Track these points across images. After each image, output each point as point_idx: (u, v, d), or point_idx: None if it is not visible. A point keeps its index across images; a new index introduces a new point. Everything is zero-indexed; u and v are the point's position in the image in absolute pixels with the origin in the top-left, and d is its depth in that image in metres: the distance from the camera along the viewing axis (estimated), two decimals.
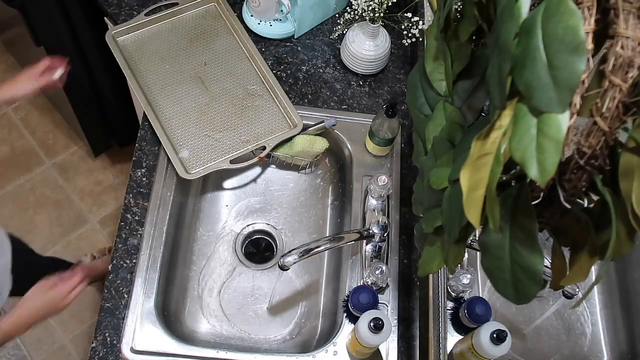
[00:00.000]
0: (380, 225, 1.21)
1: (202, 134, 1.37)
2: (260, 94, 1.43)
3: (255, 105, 1.41)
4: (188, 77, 1.43)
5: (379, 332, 1.04)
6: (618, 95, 0.48)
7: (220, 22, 1.51)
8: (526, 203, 0.57)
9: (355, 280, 1.25)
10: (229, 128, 1.38)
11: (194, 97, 1.41)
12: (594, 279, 0.60)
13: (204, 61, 1.45)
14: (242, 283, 1.37)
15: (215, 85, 1.43)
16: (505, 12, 0.53)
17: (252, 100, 1.42)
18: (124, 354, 1.14)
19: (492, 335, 0.97)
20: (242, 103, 1.41)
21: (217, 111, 1.40)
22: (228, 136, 1.38)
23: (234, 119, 1.40)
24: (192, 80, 1.43)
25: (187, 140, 1.36)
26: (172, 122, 1.37)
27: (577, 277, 0.64)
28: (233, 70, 1.45)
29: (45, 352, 2.01)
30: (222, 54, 1.47)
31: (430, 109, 0.83)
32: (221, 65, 1.46)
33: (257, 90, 1.43)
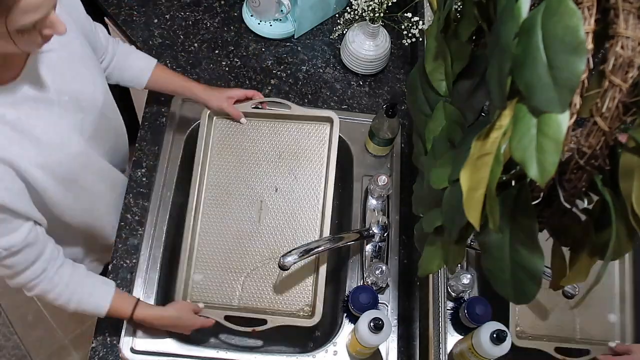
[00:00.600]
0: (380, 225, 1.21)
1: (224, 265, 1.24)
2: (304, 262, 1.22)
3: (291, 273, 1.23)
4: (251, 195, 1.28)
5: (379, 332, 1.04)
6: (618, 95, 0.48)
7: (321, 149, 1.29)
8: (526, 203, 0.57)
9: (355, 280, 1.25)
10: (251, 278, 1.24)
11: (242, 222, 1.26)
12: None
13: (276, 186, 1.28)
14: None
15: (270, 221, 1.27)
16: (505, 12, 0.53)
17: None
18: (124, 354, 1.14)
19: (492, 335, 0.97)
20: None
21: (252, 251, 1.24)
22: (247, 284, 1.24)
23: (261, 272, 1.24)
24: (252, 202, 1.27)
25: (207, 260, 1.24)
26: (205, 232, 1.25)
27: (577, 277, 0.64)
28: (296, 213, 1.27)
29: (45, 352, 2.01)
30: (298, 188, 1.28)
31: (430, 109, 0.83)
32: (289, 201, 1.28)
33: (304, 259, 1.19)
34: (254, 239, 1.26)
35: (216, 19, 1.55)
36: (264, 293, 1.24)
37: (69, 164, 0.99)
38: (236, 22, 1.55)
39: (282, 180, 1.29)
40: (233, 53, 1.50)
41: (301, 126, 1.29)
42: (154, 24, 1.52)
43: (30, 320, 2.06)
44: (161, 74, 1.27)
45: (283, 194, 1.29)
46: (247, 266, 1.25)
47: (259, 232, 1.27)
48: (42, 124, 0.93)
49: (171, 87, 1.29)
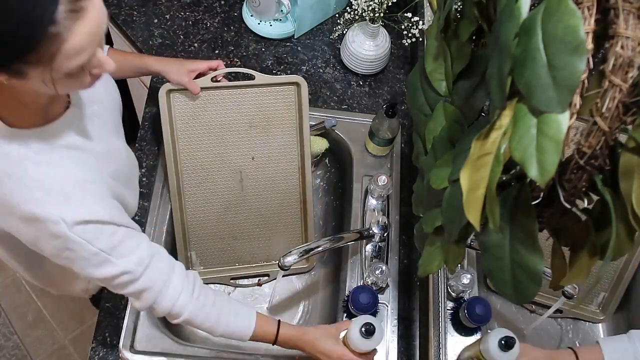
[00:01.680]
0: (380, 225, 1.21)
1: (217, 234, 1.31)
2: (291, 213, 1.32)
3: (282, 223, 1.33)
4: (230, 167, 1.28)
5: (371, 338, 1.04)
6: (618, 95, 0.48)
7: (290, 114, 1.27)
8: (526, 203, 0.57)
9: (355, 280, 1.25)
10: (245, 238, 1.33)
11: (226, 192, 1.30)
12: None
13: (252, 155, 1.28)
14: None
15: (252, 187, 1.30)
16: (505, 12, 0.53)
17: (280, 217, 1.32)
18: (124, 354, 1.14)
19: (501, 342, 0.97)
20: (270, 217, 1.32)
21: (242, 216, 1.31)
22: (241, 246, 1.33)
23: (254, 231, 1.32)
24: (232, 173, 1.29)
25: (201, 235, 1.30)
26: (193, 212, 1.29)
27: (577, 277, 0.64)
28: (276, 178, 1.31)
29: (45, 352, 2.01)
30: (274, 154, 1.29)
31: (430, 109, 0.83)
32: (268, 167, 1.30)
33: (291, 208, 1.32)
34: (240, 206, 1.31)
35: (216, 19, 1.55)
36: (260, 251, 1.35)
37: (123, 166, 1.02)
38: (236, 22, 1.55)
39: (257, 149, 1.28)
40: (233, 53, 1.50)
41: (268, 92, 1.25)
42: (154, 24, 1.52)
43: (30, 320, 2.06)
44: (116, 56, 1.15)
45: (260, 161, 1.29)
46: (239, 232, 1.32)
47: (244, 200, 1.31)
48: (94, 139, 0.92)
49: (128, 67, 1.20)
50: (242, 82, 1.25)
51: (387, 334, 1.19)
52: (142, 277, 0.89)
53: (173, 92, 1.22)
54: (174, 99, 1.22)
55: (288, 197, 1.32)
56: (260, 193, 1.31)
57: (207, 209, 1.30)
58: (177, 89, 1.22)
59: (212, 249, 1.33)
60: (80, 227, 0.80)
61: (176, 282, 0.95)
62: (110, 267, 0.86)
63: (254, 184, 1.30)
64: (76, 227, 0.80)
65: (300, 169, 1.31)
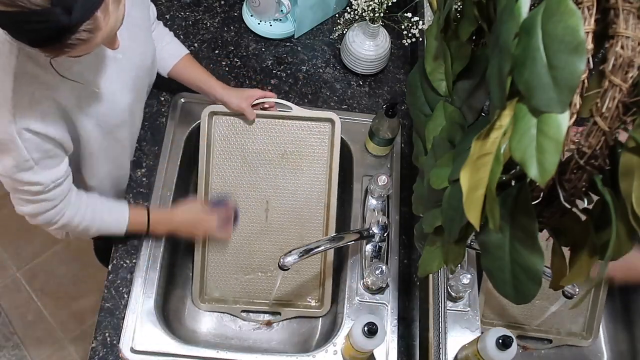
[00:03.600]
0: (380, 225, 1.21)
1: (236, 263, 1.31)
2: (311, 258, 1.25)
3: (299, 268, 1.31)
4: (258, 195, 1.30)
5: (373, 337, 1.04)
6: (618, 95, 0.48)
7: (322, 150, 1.29)
8: (526, 203, 0.57)
9: (356, 280, 1.25)
10: (260, 274, 1.31)
11: (251, 220, 1.30)
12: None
13: (281, 185, 1.30)
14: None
15: (276, 220, 1.30)
16: (505, 12, 0.53)
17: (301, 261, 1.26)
18: (124, 354, 1.14)
19: (498, 341, 0.97)
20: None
21: (261, 250, 1.30)
22: (255, 282, 1.31)
23: (270, 268, 1.31)
24: (259, 201, 1.30)
25: (220, 261, 1.31)
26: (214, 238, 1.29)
27: (577, 277, 0.64)
28: (302, 211, 1.30)
29: (45, 352, 2.01)
30: (302, 187, 1.30)
31: (430, 109, 0.83)
32: (294, 200, 1.30)
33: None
34: (262, 237, 1.31)
35: (216, 19, 1.55)
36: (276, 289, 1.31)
37: (114, 117, 1.07)
38: (236, 22, 1.55)
39: (286, 180, 1.30)
40: (233, 53, 1.50)
41: (303, 126, 1.29)
42: None
43: (30, 320, 2.06)
44: (187, 65, 1.27)
45: (288, 194, 1.30)
46: (258, 263, 1.31)
47: (267, 231, 1.31)
48: (99, 79, 1.00)
49: (192, 80, 1.28)
50: (280, 113, 1.28)
51: (387, 334, 1.19)
52: (49, 192, 1.01)
53: (215, 115, 1.28)
54: (215, 122, 1.28)
55: (311, 234, 1.30)
56: (284, 225, 1.31)
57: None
58: (219, 112, 1.27)
59: (229, 277, 1.31)
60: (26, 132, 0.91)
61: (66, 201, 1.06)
62: (31, 174, 0.96)
63: (279, 215, 1.30)
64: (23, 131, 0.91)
65: (326, 206, 1.30)
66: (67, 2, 0.73)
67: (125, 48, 1.03)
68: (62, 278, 2.12)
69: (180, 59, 1.27)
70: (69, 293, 2.09)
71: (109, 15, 0.79)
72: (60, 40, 0.77)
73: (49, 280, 2.11)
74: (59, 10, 0.73)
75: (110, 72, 1.03)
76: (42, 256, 2.16)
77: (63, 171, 1.02)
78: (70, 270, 2.13)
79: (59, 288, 2.10)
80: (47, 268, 2.13)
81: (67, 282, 2.12)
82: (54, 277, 2.12)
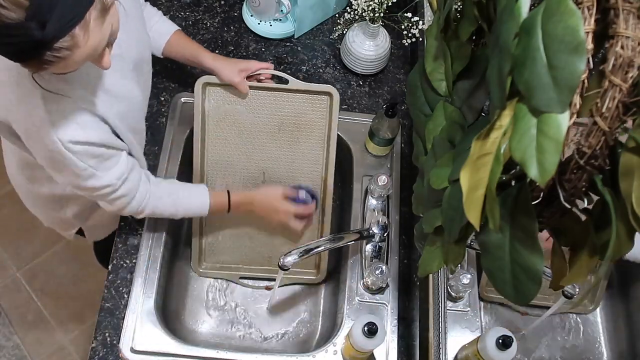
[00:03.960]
0: (380, 225, 1.21)
1: (234, 232, 1.33)
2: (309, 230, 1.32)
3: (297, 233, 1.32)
4: (254, 165, 1.31)
5: (373, 337, 1.04)
6: (618, 95, 0.48)
7: (321, 123, 1.28)
8: (526, 203, 0.57)
9: (355, 280, 1.25)
10: (260, 239, 1.34)
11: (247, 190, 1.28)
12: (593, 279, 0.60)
13: (278, 157, 1.30)
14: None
15: None
16: (505, 12, 0.53)
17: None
18: (124, 354, 1.14)
19: (498, 341, 0.97)
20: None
21: (258, 218, 1.29)
22: (254, 247, 1.34)
23: (269, 233, 1.33)
24: (256, 172, 1.31)
25: (218, 228, 1.32)
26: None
27: (577, 277, 0.64)
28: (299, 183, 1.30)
29: (45, 352, 2.01)
30: (299, 159, 1.30)
31: (430, 109, 0.83)
32: (291, 172, 1.31)
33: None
34: None
35: (216, 19, 1.55)
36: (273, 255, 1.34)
37: (134, 113, 1.08)
38: (236, 22, 1.55)
39: (283, 152, 1.30)
40: (233, 53, 1.50)
41: (301, 99, 1.28)
42: None
43: (30, 320, 2.06)
44: (178, 41, 1.26)
45: (285, 165, 1.31)
46: (256, 232, 1.33)
47: None
48: (114, 80, 1.00)
49: (184, 55, 1.27)
50: (278, 86, 1.26)
51: (387, 334, 1.19)
52: (120, 188, 1.03)
53: (209, 86, 1.26)
54: (209, 93, 1.26)
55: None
56: None
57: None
58: (213, 82, 1.25)
59: (227, 245, 1.34)
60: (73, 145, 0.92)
61: (142, 189, 1.08)
62: (96, 180, 0.98)
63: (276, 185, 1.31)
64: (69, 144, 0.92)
65: (323, 178, 1.31)
66: (42, 17, 0.70)
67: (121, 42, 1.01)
68: (62, 278, 2.12)
69: (171, 36, 1.25)
70: (69, 293, 2.09)
71: (88, 34, 0.76)
72: (35, 56, 0.74)
73: (49, 280, 2.11)
74: (33, 25, 0.70)
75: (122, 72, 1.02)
76: (42, 256, 2.16)
77: (124, 165, 1.02)
78: (70, 270, 2.13)
79: (59, 288, 2.10)
80: (47, 268, 2.13)
81: (67, 282, 2.12)
82: (54, 277, 2.12)
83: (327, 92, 1.26)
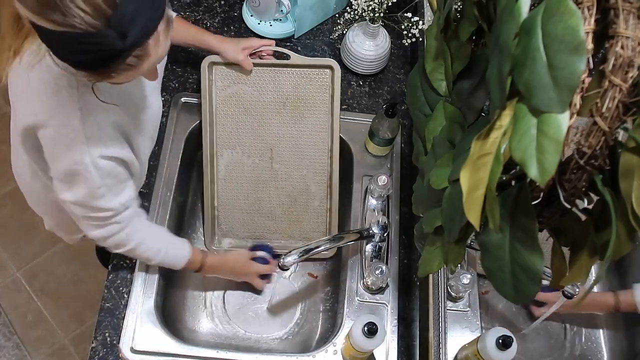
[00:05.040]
0: (380, 225, 1.21)
1: (243, 207, 1.36)
2: (317, 196, 1.35)
3: (307, 205, 1.36)
4: (260, 143, 1.33)
5: (373, 337, 1.04)
6: (618, 95, 0.48)
7: (324, 96, 1.30)
8: (526, 203, 0.57)
9: (355, 280, 1.25)
10: (269, 215, 1.37)
11: (255, 168, 1.34)
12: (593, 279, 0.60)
13: (284, 133, 1.32)
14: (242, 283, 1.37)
15: (281, 166, 1.34)
16: (505, 12, 0.53)
17: (306, 199, 1.35)
18: (124, 354, 1.14)
19: (498, 341, 0.97)
20: (296, 197, 1.35)
21: (269, 194, 1.35)
22: (265, 223, 1.37)
23: (279, 209, 1.36)
24: (263, 149, 1.33)
25: (228, 205, 1.36)
26: (223, 182, 1.34)
27: (577, 277, 0.64)
28: (306, 159, 1.33)
29: (45, 352, 2.01)
30: (305, 135, 1.32)
31: (430, 109, 0.83)
32: (297, 147, 1.33)
33: (317, 192, 1.35)
34: (268, 184, 1.35)
35: (216, 19, 1.55)
36: (282, 230, 1.38)
37: (152, 120, 1.09)
38: (236, 22, 1.55)
39: (289, 127, 1.32)
40: None
41: (303, 73, 1.30)
42: None
43: (30, 320, 2.06)
44: (178, 26, 1.25)
45: (291, 140, 1.33)
46: (266, 208, 1.36)
47: (272, 177, 1.35)
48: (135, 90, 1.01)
49: (186, 38, 1.28)
50: (280, 61, 1.29)
51: (387, 334, 1.19)
52: (120, 214, 1.02)
53: (215, 65, 1.29)
54: (215, 72, 1.29)
55: (315, 180, 1.34)
56: (288, 172, 1.34)
57: (236, 181, 1.35)
58: (218, 62, 1.28)
59: (236, 221, 1.37)
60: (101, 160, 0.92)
61: (135, 222, 1.07)
62: (105, 201, 0.98)
63: (283, 162, 1.34)
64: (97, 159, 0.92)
65: (329, 152, 1.32)
66: (124, 27, 0.70)
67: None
68: (62, 278, 2.12)
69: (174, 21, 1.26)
70: (69, 293, 2.09)
71: (159, 44, 0.78)
72: (108, 65, 0.74)
73: (49, 280, 2.11)
74: (113, 34, 0.70)
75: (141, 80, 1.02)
76: (42, 256, 2.16)
77: (132, 191, 1.03)
78: (70, 270, 2.13)
79: (59, 288, 2.10)
80: (47, 268, 2.13)
81: (67, 282, 2.12)
82: (54, 277, 2.12)
83: (328, 65, 1.29)
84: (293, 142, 1.33)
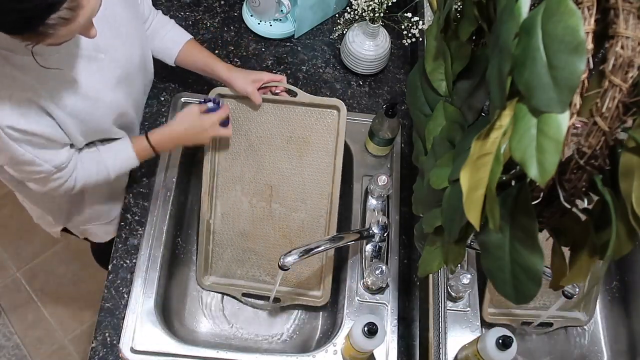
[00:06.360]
0: (380, 225, 1.21)
1: (239, 245, 1.32)
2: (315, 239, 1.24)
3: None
4: (261, 180, 1.30)
5: (373, 337, 1.04)
6: (618, 95, 0.48)
7: (329, 138, 1.27)
8: (526, 203, 0.57)
9: (355, 280, 1.25)
10: (264, 257, 1.32)
11: (253, 207, 1.31)
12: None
13: (285, 171, 1.29)
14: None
15: (280, 206, 1.31)
16: (505, 12, 0.53)
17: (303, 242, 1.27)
18: (124, 354, 1.14)
19: (498, 341, 0.97)
20: (292, 239, 1.31)
21: (265, 234, 1.31)
22: (259, 263, 1.32)
23: (274, 252, 1.31)
24: (262, 186, 1.30)
25: (224, 241, 1.32)
26: (221, 217, 1.31)
27: (577, 277, 0.64)
28: (305, 199, 1.30)
29: (45, 352, 2.01)
30: (306, 174, 1.29)
31: (430, 109, 0.83)
32: (298, 187, 1.30)
33: (315, 234, 1.30)
34: (265, 223, 1.31)
35: (216, 19, 1.55)
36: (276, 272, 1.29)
37: (98, 115, 1.07)
38: (236, 22, 1.55)
39: (291, 166, 1.29)
40: (233, 53, 1.50)
41: (309, 112, 1.27)
42: None
43: (30, 320, 2.06)
44: (191, 50, 1.27)
45: (292, 181, 1.30)
46: (260, 248, 1.32)
47: (270, 216, 1.31)
48: (80, 78, 1.01)
49: (197, 65, 1.28)
50: (286, 98, 1.27)
51: (387, 334, 1.19)
52: (55, 174, 1.06)
53: (223, 97, 1.27)
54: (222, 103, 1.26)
55: (313, 222, 1.30)
56: (287, 212, 1.30)
57: (234, 216, 1.31)
58: (226, 94, 1.27)
59: (231, 259, 1.33)
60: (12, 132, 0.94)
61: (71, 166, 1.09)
62: (35, 165, 1.01)
63: (282, 202, 1.30)
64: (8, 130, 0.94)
65: (330, 195, 1.28)
66: None
67: (107, 46, 1.03)
68: (62, 278, 2.12)
69: (184, 46, 1.26)
70: (69, 293, 2.09)
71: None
72: (42, 19, 0.76)
73: (49, 280, 2.11)
74: None
75: (92, 71, 1.03)
76: (42, 256, 2.16)
77: (65, 157, 1.05)
78: (70, 270, 2.13)
79: (59, 288, 2.11)
80: (47, 268, 2.14)
81: (67, 282, 2.12)
82: (54, 277, 2.12)
83: (334, 105, 1.25)
84: (294, 182, 1.30)
